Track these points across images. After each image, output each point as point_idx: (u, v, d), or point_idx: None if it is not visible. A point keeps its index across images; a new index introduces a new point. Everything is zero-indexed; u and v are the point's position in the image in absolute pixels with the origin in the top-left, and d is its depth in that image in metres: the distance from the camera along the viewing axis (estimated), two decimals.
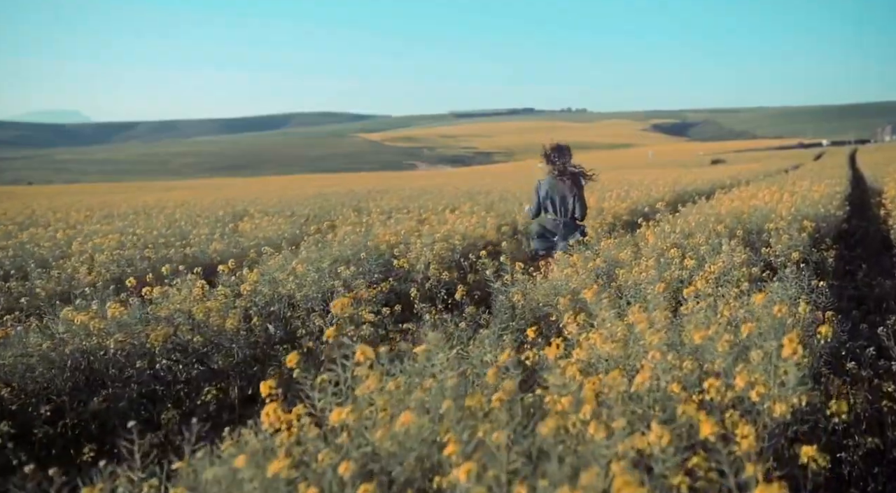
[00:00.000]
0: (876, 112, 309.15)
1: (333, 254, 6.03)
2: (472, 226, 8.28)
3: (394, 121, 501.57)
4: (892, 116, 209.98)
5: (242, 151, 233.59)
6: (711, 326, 2.71)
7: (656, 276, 4.62)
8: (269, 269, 5.07)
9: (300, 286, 4.84)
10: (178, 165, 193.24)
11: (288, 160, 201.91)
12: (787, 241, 5.92)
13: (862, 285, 7.43)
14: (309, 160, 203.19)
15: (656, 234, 6.19)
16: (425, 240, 6.86)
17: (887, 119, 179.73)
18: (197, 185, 49.53)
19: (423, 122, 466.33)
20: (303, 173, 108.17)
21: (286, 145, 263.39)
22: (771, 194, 10.31)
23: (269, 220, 10.23)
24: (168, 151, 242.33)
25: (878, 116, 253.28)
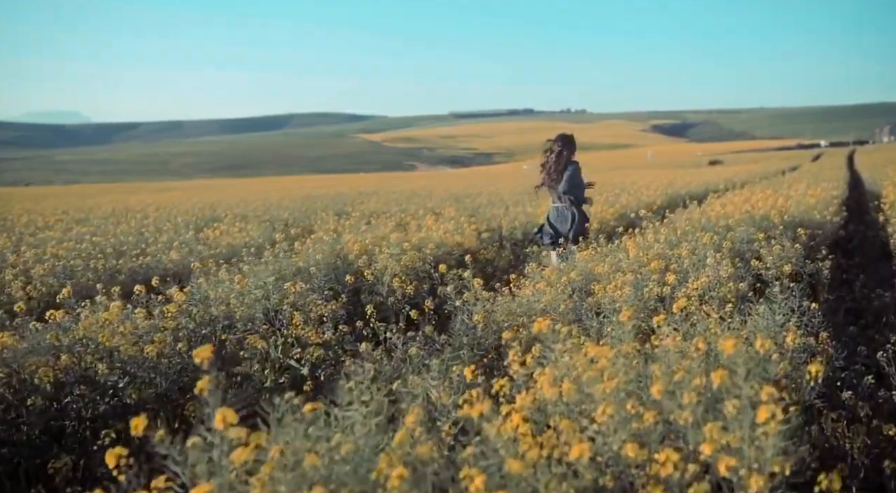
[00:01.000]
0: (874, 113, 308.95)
1: (281, 268, 5.58)
2: (447, 233, 7.84)
3: (394, 121, 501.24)
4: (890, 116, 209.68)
5: (242, 152, 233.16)
6: (679, 369, 2.26)
7: (632, 295, 4.18)
8: (200, 287, 4.62)
9: (243, 305, 4.40)
10: (179, 166, 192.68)
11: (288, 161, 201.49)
12: (779, 252, 5.48)
13: (860, 297, 7.00)
14: (309, 161, 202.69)
15: (638, 244, 5.74)
16: (392, 249, 6.41)
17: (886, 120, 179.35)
18: (191, 186, 49.05)
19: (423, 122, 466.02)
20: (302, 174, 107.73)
21: (286, 146, 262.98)
22: (765, 198, 9.88)
23: (241, 225, 9.78)
24: (168, 151, 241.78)
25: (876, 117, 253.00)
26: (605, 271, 4.94)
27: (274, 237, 7.79)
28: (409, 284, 5.75)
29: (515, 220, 10.74)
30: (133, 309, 3.69)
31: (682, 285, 4.72)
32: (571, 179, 6.45)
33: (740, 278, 4.91)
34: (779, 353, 2.86)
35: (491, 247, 8.41)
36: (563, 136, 6.60)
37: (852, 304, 6.72)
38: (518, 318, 4.18)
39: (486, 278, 8.16)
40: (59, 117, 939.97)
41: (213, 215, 13.40)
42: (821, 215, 8.01)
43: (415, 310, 5.69)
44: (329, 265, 6.69)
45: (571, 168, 6.48)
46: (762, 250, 5.56)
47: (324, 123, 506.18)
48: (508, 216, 11.05)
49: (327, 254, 6.62)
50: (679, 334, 3.12)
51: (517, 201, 13.95)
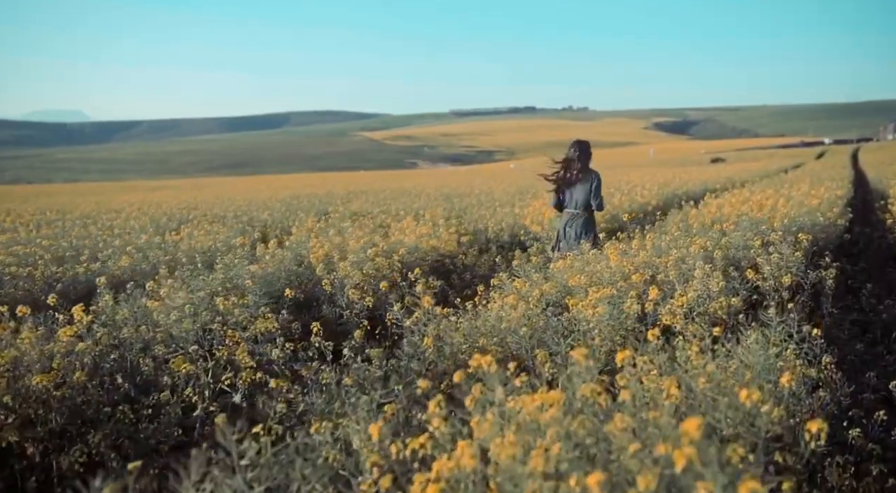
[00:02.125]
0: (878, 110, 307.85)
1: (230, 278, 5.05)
2: (422, 237, 7.29)
3: (395, 119, 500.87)
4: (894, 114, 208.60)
5: (242, 150, 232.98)
6: (633, 445, 1.72)
7: (607, 313, 3.64)
8: (107, 305, 4.07)
9: (167, 323, 3.87)
10: (178, 164, 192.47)
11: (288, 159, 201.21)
12: (778, 260, 4.93)
13: (867, 308, 6.45)
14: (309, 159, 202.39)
15: (622, 252, 5.20)
16: (356, 256, 5.87)
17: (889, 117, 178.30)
18: (186, 184, 48.55)
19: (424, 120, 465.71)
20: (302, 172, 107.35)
21: (286, 144, 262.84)
22: (765, 199, 9.34)
23: (209, 228, 9.24)
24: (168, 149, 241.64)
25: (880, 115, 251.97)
26: (582, 282, 4.39)
27: (235, 242, 7.24)
28: (369, 294, 5.21)
29: (502, 221, 10.20)
30: (45, 326, 3.18)
31: (666, 301, 4.19)
32: (599, 193, 6.41)
33: (733, 292, 4.37)
34: (772, 398, 2.33)
35: (471, 251, 7.86)
36: (579, 142, 6.57)
37: (859, 316, 6.17)
38: (478, 340, 3.65)
39: (464, 286, 7.64)
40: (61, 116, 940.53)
41: (191, 216, 12.89)
42: (824, 218, 7.45)
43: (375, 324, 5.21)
44: (291, 273, 6.17)
45: (597, 180, 6.42)
46: (759, 258, 5.01)
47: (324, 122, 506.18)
48: (496, 217, 10.52)
49: (288, 261, 6.09)
50: (654, 368, 2.59)
51: (508, 201, 13.42)
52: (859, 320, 6.04)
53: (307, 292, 6.02)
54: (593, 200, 6.37)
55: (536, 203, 10.09)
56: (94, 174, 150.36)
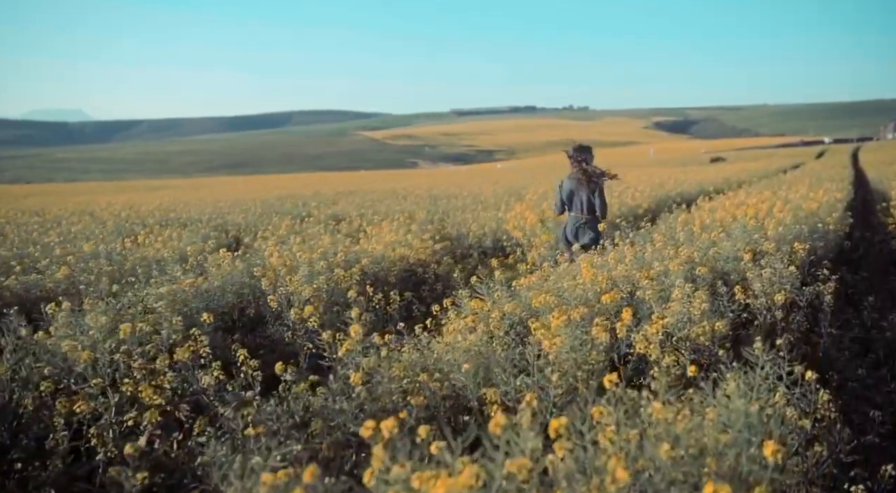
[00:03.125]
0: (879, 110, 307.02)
1: (152, 300, 4.54)
2: (390, 244, 6.78)
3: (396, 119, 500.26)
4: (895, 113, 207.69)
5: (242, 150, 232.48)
6: None
7: (568, 343, 3.13)
8: None
9: (65, 352, 3.37)
10: (179, 164, 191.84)
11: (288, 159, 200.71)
12: (770, 276, 4.42)
13: (868, 322, 5.94)
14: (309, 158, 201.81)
15: (597, 265, 4.69)
16: (308, 269, 5.35)
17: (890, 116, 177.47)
18: (180, 185, 48.02)
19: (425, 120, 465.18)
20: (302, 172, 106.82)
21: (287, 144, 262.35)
22: (761, 202, 8.83)
23: (171, 234, 8.73)
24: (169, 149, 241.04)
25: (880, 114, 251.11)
26: (548, 302, 3.88)
27: (189, 249, 6.73)
28: (319, 314, 4.70)
29: (485, 226, 9.69)
30: None
31: (642, 325, 3.69)
32: (603, 200, 6.54)
33: (718, 314, 3.86)
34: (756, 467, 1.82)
35: (446, 259, 7.35)
36: (582, 147, 6.65)
37: (860, 332, 5.66)
38: (417, 377, 3.13)
39: (436, 298, 7.11)
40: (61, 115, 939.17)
41: (163, 219, 12.39)
42: (822, 224, 6.94)
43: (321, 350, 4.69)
44: (243, 286, 5.67)
45: (600, 190, 6.53)
46: (749, 273, 4.49)
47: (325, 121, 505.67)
48: (479, 221, 10.01)
49: (238, 273, 5.58)
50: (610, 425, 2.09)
51: (495, 204, 12.91)
52: (860, 338, 5.53)
53: (258, 308, 5.53)
54: (598, 204, 6.47)
55: (519, 207, 9.58)
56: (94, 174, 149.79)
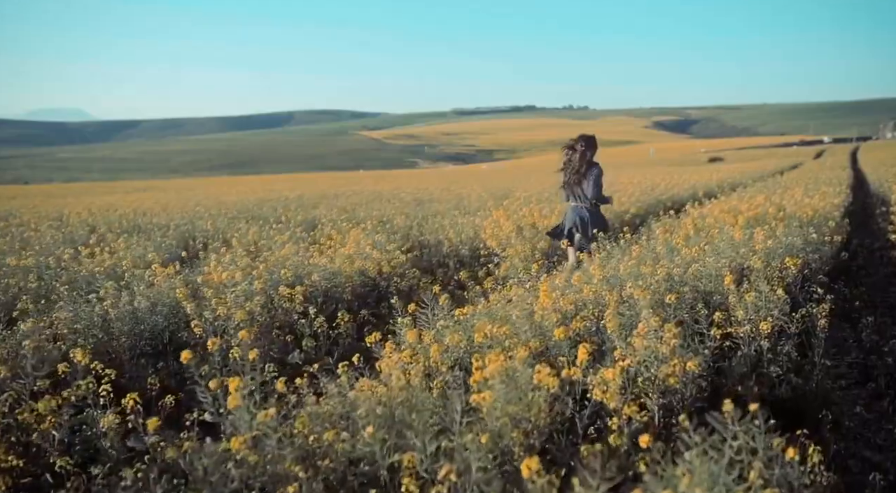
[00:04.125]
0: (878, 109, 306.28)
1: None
2: (349, 256, 6.22)
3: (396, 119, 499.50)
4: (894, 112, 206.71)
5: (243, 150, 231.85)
6: None
7: (502, 395, 2.58)
8: None
9: None
10: (178, 164, 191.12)
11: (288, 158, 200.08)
12: (756, 300, 3.88)
13: (868, 343, 5.39)
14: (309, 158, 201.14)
15: (557, 287, 4.14)
16: (246, 287, 4.81)
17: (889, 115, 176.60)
18: (166, 186, 47.43)
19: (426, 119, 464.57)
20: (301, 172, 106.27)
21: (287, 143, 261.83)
22: (754, 208, 8.30)
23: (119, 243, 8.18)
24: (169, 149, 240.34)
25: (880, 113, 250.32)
26: (498, 333, 3.35)
27: (125, 264, 6.18)
28: (250, 342, 4.16)
29: (462, 233, 9.14)
30: None
31: (600, 363, 3.15)
32: (597, 183, 6.42)
33: (692, 350, 3.31)
34: None
35: (410, 272, 6.79)
36: (585, 136, 6.54)
37: (858, 355, 5.10)
38: (323, 435, 2.58)
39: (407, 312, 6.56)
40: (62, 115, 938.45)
41: (128, 224, 11.84)
42: (818, 234, 6.39)
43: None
44: (175, 309, 5.10)
45: (596, 171, 6.43)
46: (731, 296, 3.95)
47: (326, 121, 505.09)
48: (456, 228, 9.46)
49: (164, 295, 5.03)
50: None
51: (479, 207, 12.36)
52: (859, 363, 4.98)
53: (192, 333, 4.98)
54: (589, 188, 6.37)
55: (497, 213, 9.03)
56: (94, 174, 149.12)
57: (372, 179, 38.64)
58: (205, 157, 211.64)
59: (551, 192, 13.53)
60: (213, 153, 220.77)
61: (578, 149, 6.43)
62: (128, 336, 4.64)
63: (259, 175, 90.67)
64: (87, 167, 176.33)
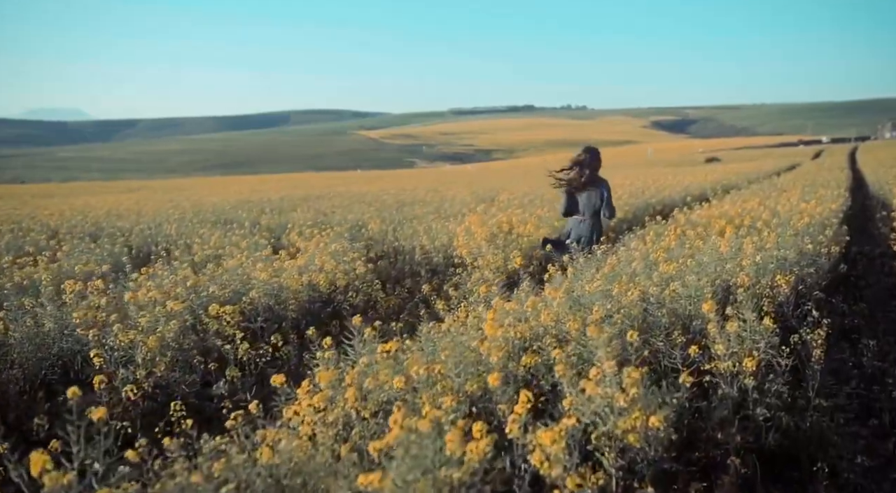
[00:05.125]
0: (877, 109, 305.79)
1: None
2: (293, 273, 5.63)
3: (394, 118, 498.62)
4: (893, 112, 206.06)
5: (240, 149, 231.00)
6: None
7: (410, 467, 2.02)
8: None
9: None
10: (177, 163, 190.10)
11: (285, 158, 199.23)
12: (739, 331, 3.30)
13: (869, 368, 4.83)
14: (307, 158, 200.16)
15: (510, 314, 3.57)
16: (162, 310, 4.23)
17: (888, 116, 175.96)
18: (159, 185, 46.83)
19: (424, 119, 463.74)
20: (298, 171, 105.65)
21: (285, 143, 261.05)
22: (745, 215, 7.74)
23: (64, 250, 7.61)
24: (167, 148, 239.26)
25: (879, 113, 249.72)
26: (419, 375, 2.78)
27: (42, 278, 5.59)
28: (158, 374, 3.60)
29: (436, 239, 8.57)
30: None
31: (548, 416, 2.59)
32: (610, 202, 6.50)
33: (661, 396, 2.73)
34: None
35: (372, 286, 6.21)
36: (592, 149, 6.57)
37: (859, 387, 4.53)
38: None
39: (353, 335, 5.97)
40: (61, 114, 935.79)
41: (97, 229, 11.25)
42: (814, 245, 5.82)
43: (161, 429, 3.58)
44: None
45: (607, 190, 6.46)
46: (710, 325, 3.38)
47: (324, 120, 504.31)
48: (430, 234, 8.88)
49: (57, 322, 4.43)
50: None
51: (459, 211, 11.78)
52: (859, 394, 4.40)
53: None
54: (605, 209, 6.40)
55: (473, 218, 8.46)
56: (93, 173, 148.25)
57: (364, 180, 38.04)
58: (202, 157, 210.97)
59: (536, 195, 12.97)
60: (211, 153, 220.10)
61: (586, 163, 6.44)
62: (26, 365, 4.07)
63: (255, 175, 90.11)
64: (85, 167, 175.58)
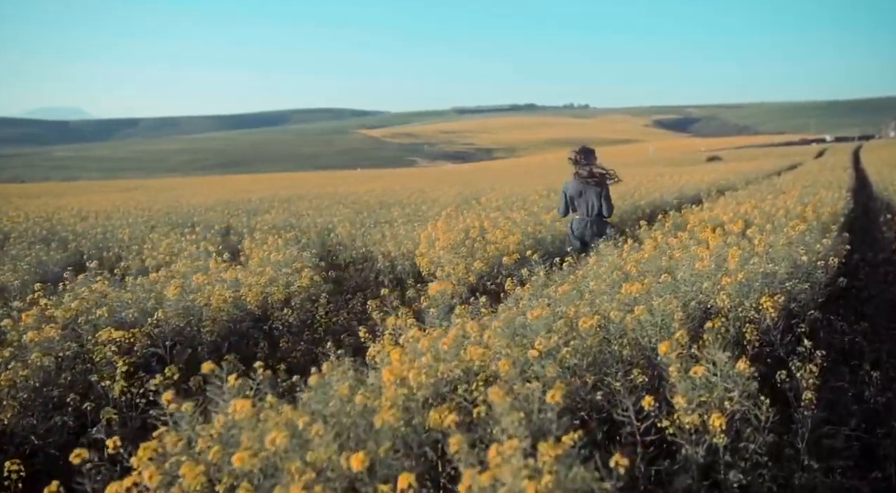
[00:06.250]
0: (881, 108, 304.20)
1: None
2: (221, 291, 4.94)
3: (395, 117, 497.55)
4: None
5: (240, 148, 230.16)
6: None
7: None
8: None
9: None
10: (177, 163, 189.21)
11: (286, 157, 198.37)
12: (707, 375, 2.63)
13: (872, 403, 4.14)
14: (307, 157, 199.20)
15: (416, 352, 2.90)
16: (26, 341, 3.56)
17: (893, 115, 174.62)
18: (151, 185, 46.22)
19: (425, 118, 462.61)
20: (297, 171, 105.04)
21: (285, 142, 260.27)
22: (736, 221, 7.07)
23: None
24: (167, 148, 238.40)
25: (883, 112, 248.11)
26: (277, 444, 2.11)
27: None
28: None
29: (401, 245, 7.91)
30: None
31: None
32: (609, 202, 6.57)
33: (596, 471, 2.06)
34: None
35: (307, 304, 5.53)
36: (583, 149, 6.63)
37: (859, 425, 3.83)
38: None
39: (284, 358, 5.28)
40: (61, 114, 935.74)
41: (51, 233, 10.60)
42: (811, 254, 5.14)
43: None
44: None
45: (606, 191, 6.51)
46: (672, 368, 2.70)
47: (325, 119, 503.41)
48: (396, 240, 8.21)
49: None
50: None
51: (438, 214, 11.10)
52: (860, 437, 3.71)
53: None
54: (605, 205, 6.45)
55: (439, 223, 7.77)
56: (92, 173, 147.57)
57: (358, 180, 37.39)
58: (201, 156, 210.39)
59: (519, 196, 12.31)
60: (211, 152, 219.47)
61: (581, 162, 6.50)
62: None
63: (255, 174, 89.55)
64: (85, 166, 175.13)
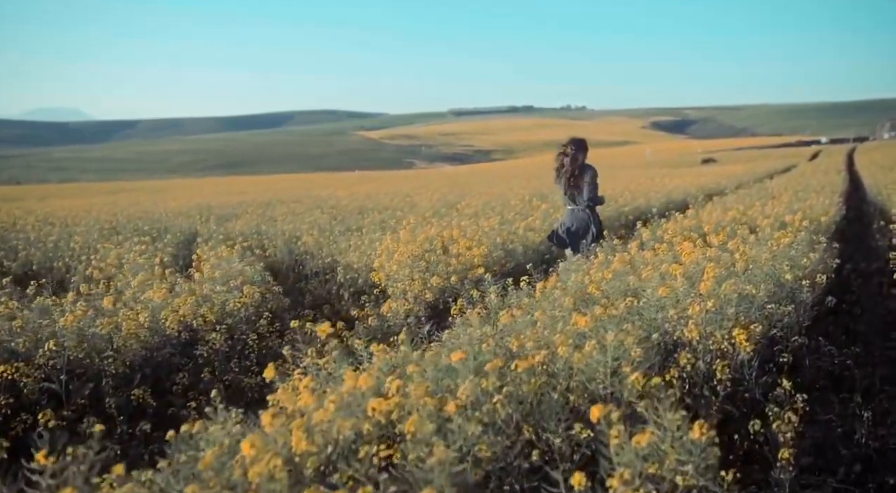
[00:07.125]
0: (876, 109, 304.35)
1: None
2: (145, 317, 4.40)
3: (394, 119, 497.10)
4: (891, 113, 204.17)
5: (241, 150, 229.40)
6: None
7: None
8: None
9: None
10: (177, 164, 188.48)
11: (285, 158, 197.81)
12: (657, 446, 2.11)
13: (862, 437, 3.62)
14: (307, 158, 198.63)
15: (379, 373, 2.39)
16: None
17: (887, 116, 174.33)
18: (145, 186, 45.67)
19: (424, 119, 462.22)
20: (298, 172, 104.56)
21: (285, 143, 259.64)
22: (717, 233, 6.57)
23: None
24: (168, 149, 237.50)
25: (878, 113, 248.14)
26: None
27: None
28: None
29: (365, 256, 7.40)
30: None
31: None
32: (592, 185, 6.46)
33: None
34: None
35: (255, 320, 5.01)
36: (576, 140, 6.56)
37: (848, 475, 3.31)
38: None
39: (207, 390, 4.74)
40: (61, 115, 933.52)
41: None
42: (796, 270, 4.64)
43: None
44: None
45: (591, 173, 6.46)
46: (612, 436, 2.18)
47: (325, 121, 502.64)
48: (360, 250, 7.70)
49: None
50: None
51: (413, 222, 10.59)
52: (849, 491, 3.19)
53: None
54: (587, 192, 6.36)
55: (402, 233, 7.26)
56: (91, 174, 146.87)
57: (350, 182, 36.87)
58: (201, 157, 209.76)
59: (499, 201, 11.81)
60: (211, 153, 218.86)
61: (570, 152, 6.41)
62: None
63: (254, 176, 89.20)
64: (84, 167, 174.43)
